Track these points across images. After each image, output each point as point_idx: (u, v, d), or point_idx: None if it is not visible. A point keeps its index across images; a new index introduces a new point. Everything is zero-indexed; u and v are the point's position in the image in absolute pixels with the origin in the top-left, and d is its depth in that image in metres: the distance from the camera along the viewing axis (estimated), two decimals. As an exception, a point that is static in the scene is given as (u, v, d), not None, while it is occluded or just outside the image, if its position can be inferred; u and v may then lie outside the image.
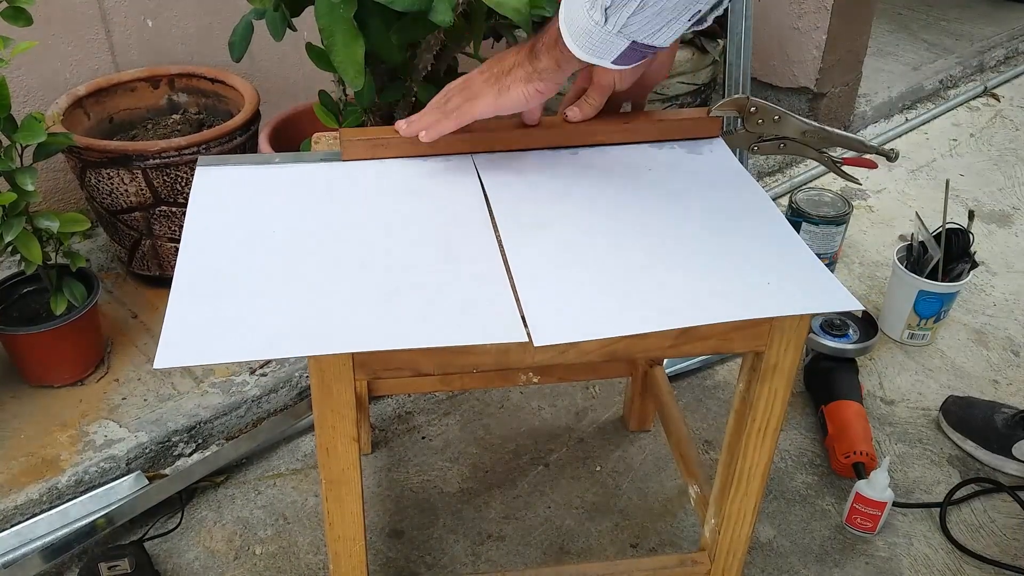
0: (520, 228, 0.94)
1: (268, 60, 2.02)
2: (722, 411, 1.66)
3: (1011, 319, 1.94)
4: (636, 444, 1.59)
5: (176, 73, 1.86)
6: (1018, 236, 2.25)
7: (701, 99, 2.27)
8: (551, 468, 1.54)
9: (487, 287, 0.85)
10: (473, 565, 1.37)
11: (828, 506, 1.48)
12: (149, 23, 1.91)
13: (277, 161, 1.03)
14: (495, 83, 0.93)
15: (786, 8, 2.46)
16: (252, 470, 1.52)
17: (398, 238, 0.91)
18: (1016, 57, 3.29)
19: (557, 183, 1.01)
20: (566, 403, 1.67)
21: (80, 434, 1.47)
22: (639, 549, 1.40)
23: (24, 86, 1.79)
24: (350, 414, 0.86)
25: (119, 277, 1.84)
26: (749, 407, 0.96)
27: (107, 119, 1.81)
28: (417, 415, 1.64)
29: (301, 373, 1.61)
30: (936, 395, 1.71)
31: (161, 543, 1.38)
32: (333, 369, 0.83)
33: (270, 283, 0.84)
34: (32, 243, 1.39)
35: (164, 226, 1.69)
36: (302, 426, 1.58)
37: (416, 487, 1.49)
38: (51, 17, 1.76)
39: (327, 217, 0.94)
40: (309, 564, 1.36)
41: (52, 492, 1.38)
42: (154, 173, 1.62)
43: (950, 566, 1.39)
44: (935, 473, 1.55)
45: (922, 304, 1.78)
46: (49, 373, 1.55)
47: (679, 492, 1.49)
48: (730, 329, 0.88)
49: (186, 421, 1.50)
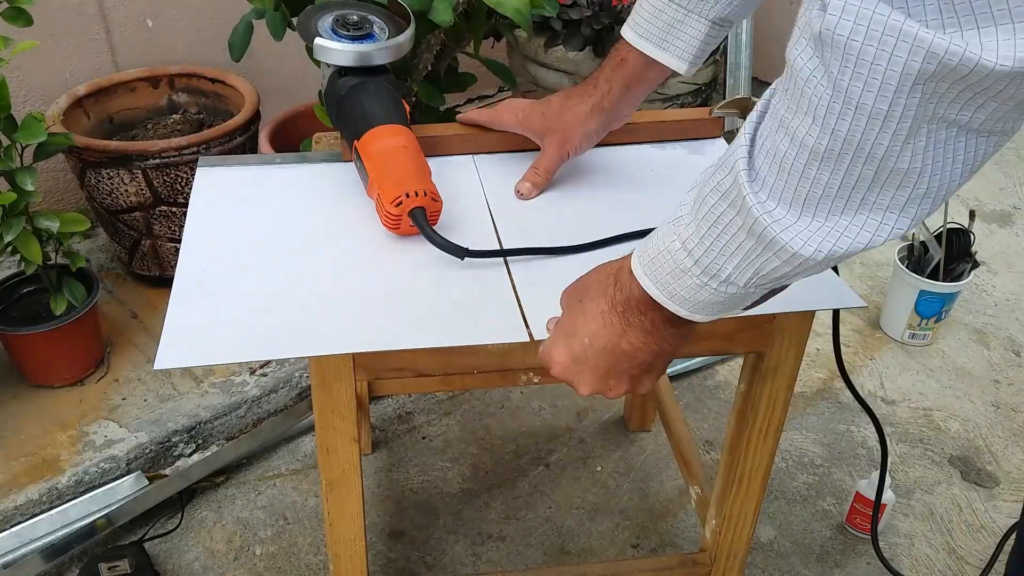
0: (520, 229, 0.94)
1: (268, 60, 2.02)
2: (723, 411, 1.66)
3: (1012, 319, 1.93)
4: (637, 444, 1.59)
5: (176, 73, 1.86)
6: (1019, 236, 2.25)
7: (702, 99, 2.27)
8: (552, 468, 1.53)
9: (488, 288, 0.84)
10: (473, 565, 1.37)
11: (829, 506, 1.48)
12: (149, 23, 1.90)
13: (278, 161, 1.03)
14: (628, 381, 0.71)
15: (787, 7, 2.46)
16: (252, 470, 1.51)
17: (399, 238, 0.91)
18: (1017, 57, 3.28)
19: (558, 184, 1.01)
20: (567, 403, 1.67)
21: (80, 434, 1.47)
22: (640, 550, 1.40)
23: (24, 86, 1.78)
24: (350, 414, 0.86)
25: (119, 277, 1.84)
26: (750, 407, 0.96)
27: (107, 119, 1.80)
28: (417, 415, 1.63)
29: (301, 373, 1.61)
30: (937, 395, 1.71)
31: (161, 543, 1.38)
32: (334, 369, 0.83)
33: (270, 284, 0.84)
34: (32, 243, 1.39)
35: (164, 226, 1.69)
36: (302, 426, 1.58)
37: (416, 487, 1.49)
38: (51, 17, 1.76)
39: (328, 217, 0.94)
40: (309, 564, 1.36)
41: (52, 492, 1.38)
42: (154, 173, 1.61)
43: (951, 567, 1.38)
44: (936, 473, 1.55)
45: (923, 304, 1.78)
46: (49, 373, 1.55)
47: (680, 492, 1.49)
48: (732, 330, 0.87)
49: (186, 421, 1.50)
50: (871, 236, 0.53)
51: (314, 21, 0.95)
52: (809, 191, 0.53)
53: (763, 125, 0.55)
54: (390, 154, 0.91)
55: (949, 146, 0.49)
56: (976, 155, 0.50)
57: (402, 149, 0.92)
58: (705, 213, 0.58)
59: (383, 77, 0.97)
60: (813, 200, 0.53)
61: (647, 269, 0.63)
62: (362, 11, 0.98)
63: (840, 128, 0.49)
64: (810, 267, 0.56)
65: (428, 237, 0.86)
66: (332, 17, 0.96)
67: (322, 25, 0.95)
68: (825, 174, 0.52)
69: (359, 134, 0.94)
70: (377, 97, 0.96)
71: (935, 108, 0.47)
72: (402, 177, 0.89)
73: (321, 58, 0.96)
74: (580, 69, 1.98)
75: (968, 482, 1.54)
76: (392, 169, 0.90)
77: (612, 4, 1.91)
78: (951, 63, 0.44)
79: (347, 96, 0.96)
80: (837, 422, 1.65)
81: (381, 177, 0.90)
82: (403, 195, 0.87)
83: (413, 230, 0.88)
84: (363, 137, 0.93)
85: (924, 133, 0.48)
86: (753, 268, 0.57)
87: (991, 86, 0.45)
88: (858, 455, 1.58)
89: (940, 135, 0.48)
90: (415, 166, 0.91)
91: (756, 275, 0.58)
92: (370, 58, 0.96)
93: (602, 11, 1.93)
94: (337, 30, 0.96)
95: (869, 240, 0.54)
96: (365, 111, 0.95)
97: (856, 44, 0.46)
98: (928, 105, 0.47)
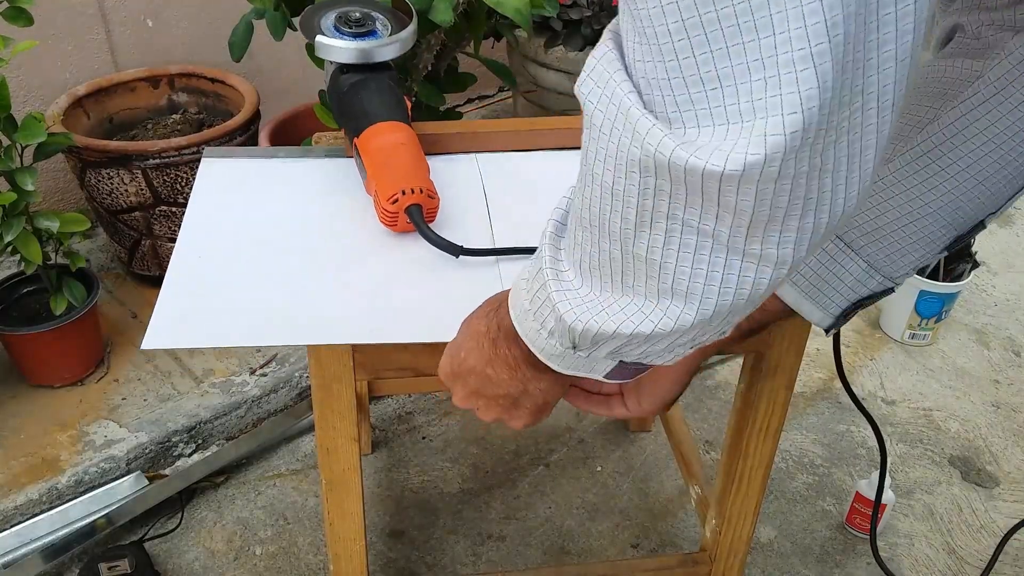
0: (517, 228, 0.94)
1: (268, 60, 2.02)
2: (723, 411, 1.66)
3: (1012, 319, 1.93)
4: (637, 444, 1.59)
5: (176, 73, 1.86)
6: (1019, 236, 2.25)
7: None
8: (551, 468, 1.53)
9: (482, 286, 0.84)
10: (474, 565, 1.37)
11: (829, 506, 1.48)
12: (149, 23, 1.90)
13: (282, 155, 1.03)
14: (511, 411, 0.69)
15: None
16: (252, 470, 1.51)
17: (395, 234, 0.91)
18: (1017, 57, 3.28)
19: (559, 184, 1.01)
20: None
21: (80, 434, 1.47)
22: (640, 550, 1.40)
23: (24, 86, 1.78)
24: (350, 414, 0.86)
25: (119, 277, 1.84)
26: (750, 408, 0.96)
27: (107, 119, 1.80)
28: (417, 415, 1.63)
29: (301, 373, 1.61)
30: (937, 395, 1.71)
31: (161, 543, 1.38)
32: (334, 369, 0.83)
33: (265, 273, 0.84)
34: (32, 243, 1.39)
35: (164, 226, 1.69)
36: (302, 426, 1.58)
37: (416, 487, 1.49)
38: (51, 17, 1.76)
39: (327, 212, 0.94)
40: (309, 564, 1.36)
41: (52, 492, 1.38)
42: (154, 173, 1.61)
43: (951, 567, 1.38)
44: (936, 473, 1.55)
45: (923, 304, 1.78)
46: (49, 373, 1.55)
47: (680, 492, 1.49)
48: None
49: (186, 421, 1.50)
50: (638, 319, 0.49)
51: (316, 19, 0.95)
52: (582, 258, 0.51)
53: None
54: (388, 151, 0.91)
55: (702, 255, 0.45)
56: (742, 280, 0.46)
57: (401, 146, 0.91)
58: (536, 257, 0.56)
59: (385, 74, 0.97)
60: (586, 268, 0.51)
61: (512, 301, 0.59)
62: (364, 8, 0.98)
63: (587, 194, 0.48)
64: (593, 337, 0.52)
65: (424, 234, 0.86)
66: (335, 14, 0.96)
67: (324, 22, 0.95)
68: (587, 244, 0.50)
69: (359, 131, 0.93)
70: (378, 94, 0.95)
71: (669, 207, 0.43)
72: (399, 174, 0.89)
73: (323, 55, 0.95)
74: (580, 69, 1.98)
75: (968, 482, 1.54)
76: (390, 166, 0.90)
77: (612, 4, 1.91)
78: (661, 159, 0.41)
79: (348, 93, 0.95)
80: (837, 422, 1.65)
81: (378, 174, 0.89)
82: (399, 192, 0.86)
83: (410, 227, 0.88)
84: (363, 134, 0.93)
85: (662, 228, 0.45)
86: (552, 322, 0.54)
87: (711, 189, 0.41)
88: (858, 455, 1.58)
89: (688, 239, 0.45)
90: (413, 163, 0.91)
91: (562, 334, 0.54)
92: (372, 55, 0.95)
93: (602, 11, 1.93)
94: (339, 27, 0.95)
95: (635, 323, 0.49)
96: (365, 108, 0.94)
97: (590, 107, 0.45)
98: (658, 200, 0.44)
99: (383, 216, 0.89)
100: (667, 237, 0.45)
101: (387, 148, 0.91)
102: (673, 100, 0.40)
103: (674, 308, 0.48)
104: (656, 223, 0.45)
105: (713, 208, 0.42)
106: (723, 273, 0.45)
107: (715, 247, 0.45)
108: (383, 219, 0.89)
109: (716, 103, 0.39)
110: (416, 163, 0.91)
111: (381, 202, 0.88)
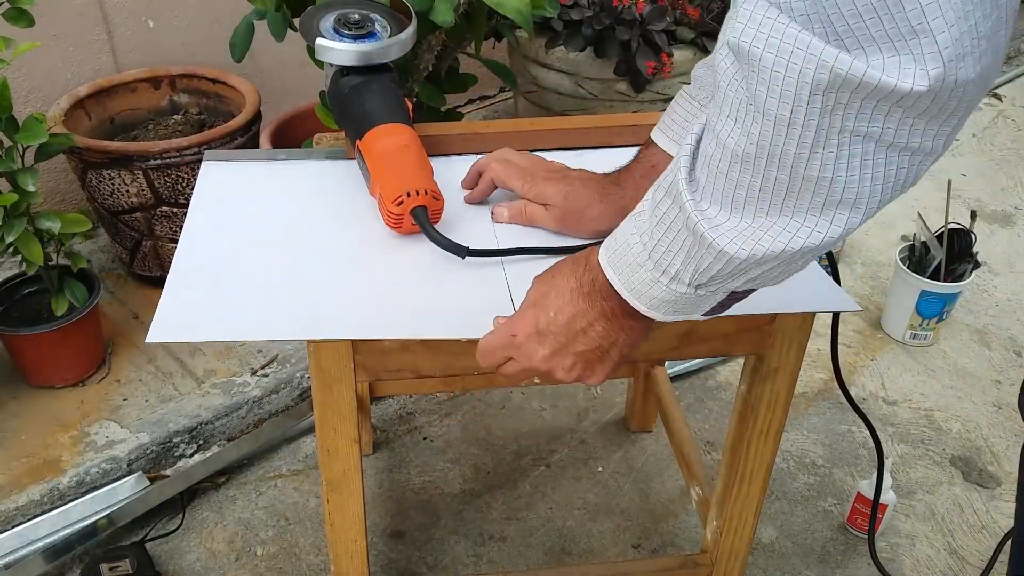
0: (520, 229, 0.94)
1: (269, 61, 2.02)
2: (724, 412, 1.66)
3: (1013, 319, 1.93)
4: (638, 445, 1.59)
5: (177, 74, 1.86)
6: (1020, 236, 2.24)
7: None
8: (553, 469, 1.53)
9: (488, 286, 0.85)
10: (475, 566, 1.37)
11: (830, 507, 1.48)
12: (150, 24, 1.90)
13: (283, 157, 1.03)
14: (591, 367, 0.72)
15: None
16: (253, 471, 1.52)
17: (400, 236, 0.91)
18: (1018, 57, 3.28)
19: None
20: (568, 404, 1.67)
21: (81, 435, 1.47)
22: (641, 550, 1.40)
23: (25, 87, 1.78)
24: (351, 415, 0.86)
25: (120, 278, 1.84)
26: (751, 409, 0.96)
27: (108, 120, 1.81)
28: (418, 416, 1.63)
29: (302, 374, 1.61)
30: (938, 395, 1.71)
31: (162, 544, 1.38)
32: (334, 370, 0.83)
33: (269, 273, 0.84)
34: (33, 244, 1.39)
35: (165, 227, 1.69)
36: (303, 427, 1.58)
37: (417, 488, 1.49)
38: (53, 18, 1.76)
39: (330, 214, 0.94)
40: (310, 565, 1.36)
41: (53, 493, 1.38)
42: (155, 174, 1.61)
43: (952, 567, 1.38)
44: (937, 474, 1.55)
45: (924, 304, 1.78)
46: (50, 374, 1.55)
47: (681, 493, 1.49)
48: (732, 331, 0.87)
49: (187, 422, 1.50)
50: (791, 238, 0.55)
51: (316, 21, 0.95)
52: (735, 192, 0.55)
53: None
54: (392, 153, 0.91)
55: (867, 160, 0.51)
56: (899, 172, 0.52)
57: (404, 148, 0.91)
58: (655, 210, 0.61)
59: (386, 76, 0.97)
60: (739, 200, 0.55)
61: (611, 260, 0.65)
62: (364, 10, 0.97)
63: (753, 131, 0.52)
64: (741, 267, 0.57)
65: (429, 236, 0.86)
66: (334, 16, 0.96)
67: (324, 25, 0.95)
68: (747, 176, 0.54)
69: (361, 133, 0.93)
70: (379, 96, 0.95)
71: (842, 120, 0.49)
72: (404, 176, 0.89)
73: (323, 58, 0.95)
74: (581, 70, 1.98)
75: (969, 483, 1.54)
76: (394, 168, 0.90)
77: (613, 4, 1.91)
78: (854, 79, 0.47)
79: (349, 95, 0.95)
80: (838, 422, 1.65)
81: (383, 176, 0.90)
82: (404, 194, 0.87)
83: (415, 228, 0.88)
84: (365, 136, 0.93)
85: (835, 144, 0.50)
86: (693, 265, 0.59)
87: (901, 100, 0.47)
88: (859, 456, 1.58)
89: (855, 148, 0.50)
90: (417, 165, 0.91)
91: (696, 273, 0.60)
92: (372, 57, 0.94)
93: (603, 11, 1.93)
94: (339, 29, 0.95)
95: (789, 241, 0.55)
96: (367, 110, 0.94)
97: (757, 51, 0.49)
98: (833, 116, 0.49)
99: (388, 218, 0.89)
100: (838, 151, 0.50)
101: (390, 150, 0.91)
102: (847, 28, 0.46)
103: (840, 216, 0.53)
104: (829, 140, 0.50)
105: (891, 110, 0.48)
106: (885, 171, 0.51)
107: (878, 149, 0.50)
108: (388, 221, 0.89)
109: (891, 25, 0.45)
110: (420, 165, 0.91)
111: (386, 204, 0.88)
